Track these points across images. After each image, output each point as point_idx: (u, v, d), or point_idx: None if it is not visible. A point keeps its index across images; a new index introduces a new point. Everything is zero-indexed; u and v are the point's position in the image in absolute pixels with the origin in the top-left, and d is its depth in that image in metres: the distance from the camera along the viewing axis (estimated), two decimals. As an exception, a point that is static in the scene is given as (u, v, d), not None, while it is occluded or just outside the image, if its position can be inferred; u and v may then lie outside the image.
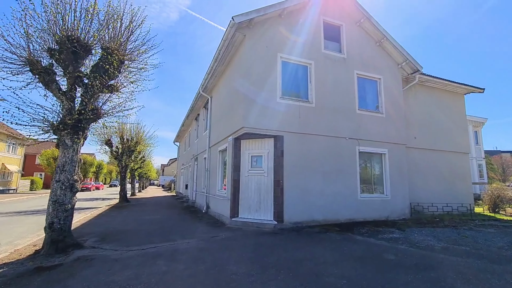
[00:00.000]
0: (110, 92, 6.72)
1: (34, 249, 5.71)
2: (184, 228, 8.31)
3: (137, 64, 7.10)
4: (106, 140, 16.33)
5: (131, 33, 6.74)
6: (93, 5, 5.89)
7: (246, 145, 8.75)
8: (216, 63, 9.87)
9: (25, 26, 5.32)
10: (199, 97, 13.56)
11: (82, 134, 6.11)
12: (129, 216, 11.09)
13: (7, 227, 8.79)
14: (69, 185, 5.77)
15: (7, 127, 5.19)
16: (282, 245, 5.90)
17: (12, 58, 5.53)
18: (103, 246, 6.00)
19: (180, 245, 6.03)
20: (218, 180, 10.35)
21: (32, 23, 5.35)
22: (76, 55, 5.89)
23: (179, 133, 22.93)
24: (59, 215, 5.58)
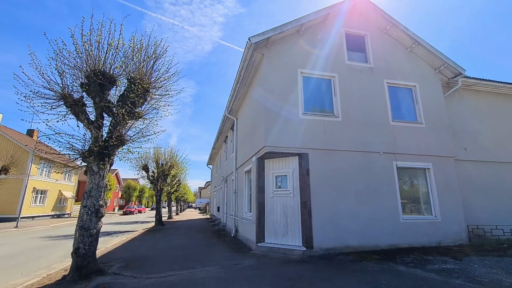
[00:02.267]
0: (135, 120, 7.02)
1: (63, 274, 5.86)
2: (208, 254, 8.00)
3: (162, 91, 7.41)
4: (143, 165, 17.26)
5: (154, 63, 7.09)
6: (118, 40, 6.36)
7: (270, 165, 8.39)
8: (238, 84, 9.97)
9: (59, 64, 5.90)
10: (225, 120, 13.77)
11: (108, 160, 6.36)
12: (159, 240, 11.18)
13: (50, 251, 9.40)
14: (94, 210, 5.95)
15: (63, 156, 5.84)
16: (309, 277, 5.23)
17: (49, 94, 6.11)
18: (124, 272, 5.95)
19: (199, 273, 5.70)
20: (244, 202, 10.03)
21: (65, 61, 5.91)
22: (102, 87, 6.31)
23: (211, 155, 23.45)
24: (85, 241, 5.71)
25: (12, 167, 16.86)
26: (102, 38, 6.10)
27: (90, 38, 6.02)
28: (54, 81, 5.98)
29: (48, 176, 27.26)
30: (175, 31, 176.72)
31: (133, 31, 7.32)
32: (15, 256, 8.51)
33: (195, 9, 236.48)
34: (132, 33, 6.71)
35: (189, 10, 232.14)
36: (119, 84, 6.75)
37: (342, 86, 8.57)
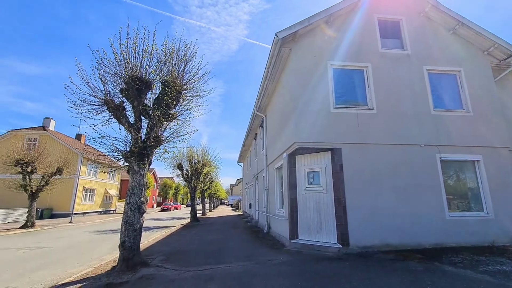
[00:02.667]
0: (169, 121, 7.37)
1: (113, 265, 6.39)
2: (242, 249, 8.16)
3: (193, 92, 7.68)
4: (178, 164, 18.09)
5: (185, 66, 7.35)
6: (152, 46, 6.71)
7: (301, 161, 8.28)
8: (266, 81, 9.95)
9: (101, 73, 6.41)
10: (254, 117, 13.85)
11: (147, 160, 6.78)
12: (195, 236, 11.66)
13: (100, 244, 10.31)
14: (137, 206, 6.39)
15: (107, 157, 6.44)
16: (346, 275, 5.09)
17: (94, 101, 6.67)
18: (166, 265, 6.31)
19: (234, 268, 5.85)
20: (276, 199, 10.04)
21: (106, 70, 6.39)
22: (139, 91, 6.72)
23: (241, 153, 23.80)
24: (130, 235, 6.16)
25: (65, 168, 18.72)
26: (137, 45, 6.48)
27: (127, 46, 6.43)
28: (98, 88, 6.51)
29: (95, 176, 29.86)
30: (202, 33, 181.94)
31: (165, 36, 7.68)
32: (72, 248, 9.48)
33: (221, 9, 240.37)
34: (164, 38, 7.06)
35: (215, 11, 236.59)
36: (154, 88, 7.12)
37: (376, 76, 8.13)
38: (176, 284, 4.84)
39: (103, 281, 5.21)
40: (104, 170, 30.64)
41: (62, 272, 6.23)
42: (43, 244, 10.44)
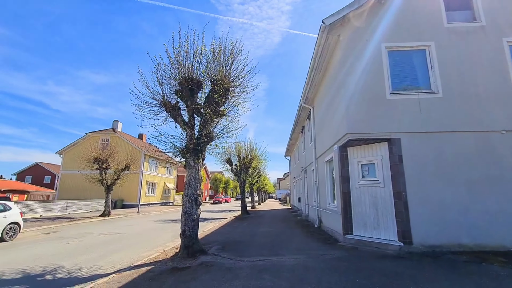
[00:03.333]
0: (219, 118, 7.68)
1: (175, 251, 7.02)
2: (294, 242, 8.15)
3: (240, 88, 7.86)
4: (227, 159, 18.85)
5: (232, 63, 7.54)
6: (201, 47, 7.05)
7: (354, 153, 7.84)
8: (313, 71, 9.63)
9: (159, 77, 6.99)
10: (301, 109, 13.57)
11: (201, 155, 7.21)
12: (247, 227, 12.06)
13: (163, 232, 11.42)
14: (194, 198, 6.87)
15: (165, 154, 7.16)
16: (410, 275, 4.69)
17: (154, 103, 7.32)
18: (222, 254, 6.68)
19: (288, 260, 5.88)
20: (327, 192, 9.73)
21: (162, 73, 6.95)
22: (192, 91, 7.14)
23: (288, 147, 23.65)
24: (189, 224, 6.68)
25: (132, 164, 21.14)
26: (188, 48, 6.87)
27: (180, 50, 6.86)
28: (156, 91, 7.12)
29: (155, 171, 33.05)
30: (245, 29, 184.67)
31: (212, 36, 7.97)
32: (141, 235, 10.70)
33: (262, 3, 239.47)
34: (212, 39, 7.36)
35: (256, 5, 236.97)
36: (204, 87, 7.49)
37: (441, 55, 7.17)
38: (233, 272, 5.08)
39: (169, 265, 5.75)
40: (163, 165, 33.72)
41: (135, 255, 7.08)
42: (118, 230, 12.02)
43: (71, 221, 15.68)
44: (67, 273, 5.54)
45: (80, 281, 4.98)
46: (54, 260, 6.57)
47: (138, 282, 4.68)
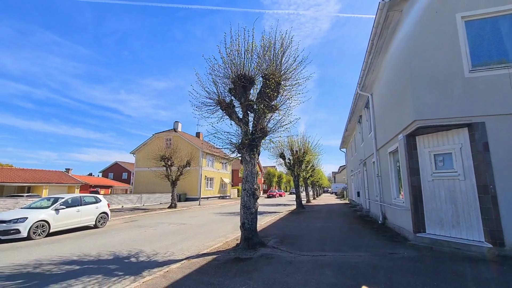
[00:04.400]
0: (272, 112, 7.69)
1: (236, 243, 7.36)
2: (356, 239, 7.72)
3: (291, 81, 7.72)
4: (280, 153, 18.86)
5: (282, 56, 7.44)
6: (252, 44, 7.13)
7: (424, 142, 6.97)
8: (370, 55, 8.86)
9: (213, 77, 7.33)
10: (358, 98, 12.67)
11: (256, 150, 7.35)
12: (303, 222, 11.92)
13: (223, 224, 12.09)
14: (251, 192, 7.06)
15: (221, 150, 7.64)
16: (507, 282, 3.97)
17: (209, 102, 7.72)
18: (281, 247, 6.74)
19: (351, 257, 5.60)
20: (392, 186, 8.92)
21: (216, 73, 7.26)
22: (244, 88, 7.30)
23: (343, 139, 22.44)
24: (248, 217, 6.91)
25: (192, 161, 22.91)
26: (239, 46, 7.02)
27: (231, 49, 7.06)
28: (212, 91, 7.50)
29: (212, 167, 35.16)
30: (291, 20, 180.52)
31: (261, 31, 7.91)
32: (203, 226, 11.54)
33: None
34: (261, 34, 7.33)
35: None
36: (256, 83, 7.58)
37: (540, 17, 5.80)
38: (293, 266, 5.08)
39: (231, 255, 6.06)
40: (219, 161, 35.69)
41: (200, 244, 7.67)
42: (184, 221, 13.18)
43: (146, 212, 17.83)
44: (147, 257, 6.32)
45: (158, 264, 5.61)
46: (136, 245, 7.56)
47: (206, 269, 5.04)
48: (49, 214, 9.39)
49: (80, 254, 6.65)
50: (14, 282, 4.64)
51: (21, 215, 8.81)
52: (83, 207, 10.74)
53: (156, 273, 4.88)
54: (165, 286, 4.21)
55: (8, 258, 6.36)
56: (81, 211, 10.59)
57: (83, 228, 10.81)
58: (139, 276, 4.85)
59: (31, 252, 6.90)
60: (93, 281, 4.63)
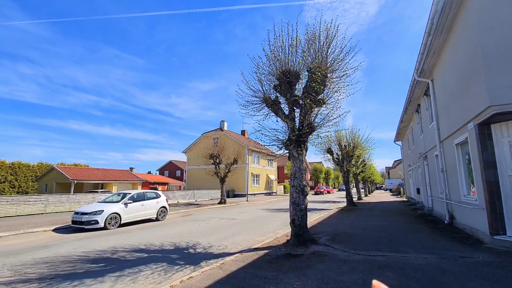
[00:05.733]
0: (319, 106, 7.47)
1: (286, 239, 7.38)
2: (418, 240, 7.06)
3: (339, 73, 7.39)
4: (327, 149, 18.21)
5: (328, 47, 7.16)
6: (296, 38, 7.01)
7: (502, 131, 6.00)
8: (430, 36, 7.95)
9: (258, 76, 7.42)
10: (415, 85, 11.49)
11: (303, 146, 7.24)
12: (355, 220, 11.35)
13: (271, 220, 12.23)
14: (300, 189, 6.99)
15: (265, 147, 7.68)
16: None
17: (255, 100, 7.83)
18: (333, 245, 6.54)
19: (413, 259, 5.15)
20: (461, 182, 7.90)
21: (261, 71, 7.33)
22: (290, 84, 7.23)
23: (398, 130, 20.62)
24: (297, 214, 6.86)
25: (238, 158, 23.63)
26: (283, 42, 6.97)
27: (275, 45, 7.05)
28: (257, 89, 7.60)
29: (258, 164, 35.73)
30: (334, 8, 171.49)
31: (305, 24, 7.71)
32: (252, 221, 11.83)
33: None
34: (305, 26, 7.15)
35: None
36: (301, 78, 7.44)
37: None
38: (349, 265, 4.88)
39: (282, 251, 6.10)
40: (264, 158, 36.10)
41: (251, 239, 7.89)
42: (234, 216, 13.71)
43: (198, 207, 19.04)
44: (203, 248, 6.76)
45: (214, 256, 5.96)
46: (192, 238, 8.13)
47: (259, 263, 5.17)
48: (119, 207, 10.69)
49: (146, 243, 7.43)
50: (98, 265, 5.42)
51: (98, 208, 10.21)
52: (146, 202, 11.96)
53: (213, 264, 5.19)
54: (222, 277, 4.45)
55: (91, 244, 7.44)
56: (144, 205, 11.80)
57: (146, 221, 12.04)
58: (198, 266, 5.22)
59: (108, 240, 7.96)
60: (159, 268, 5.14)
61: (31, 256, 6.22)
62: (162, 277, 4.65)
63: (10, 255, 6.32)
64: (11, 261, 5.79)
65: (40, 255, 6.24)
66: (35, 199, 15.36)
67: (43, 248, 7.00)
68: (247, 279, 4.32)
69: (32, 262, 5.71)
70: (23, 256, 6.24)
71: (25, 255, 6.34)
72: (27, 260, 5.84)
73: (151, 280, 4.51)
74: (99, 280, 4.53)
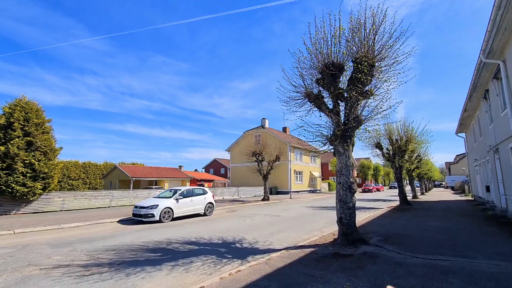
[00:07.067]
0: (366, 98, 7.02)
1: (333, 237, 7.14)
2: (489, 244, 6.18)
3: (388, 61, 6.86)
4: (376, 143, 17.05)
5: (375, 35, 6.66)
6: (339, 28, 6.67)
7: None
8: (500, 10, 6.84)
9: (300, 70, 7.26)
10: (482, 68, 10.02)
11: (350, 142, 6.89)
12: (411, 220, 10.42)
13: (316, 218, 11.94)
14: (347, 186, 6.67)
15: (308, 144, 7.50)
16: None
17: (297, 96, 7.69)
18: (386, 246, 6.11)
19: (484, 266, 4.53)
20: (545, 179, 6.68)
21: (303, 66, 7.15)
22: (333, 76, 6.92)
23: (461, 121, 18.25)
24: (345, 212, 6.57)
25: (281, 155, 23.57)
26: (326, 33, 6.69)
27: (317, 37, 6.80)
28: (299, 84, 7.44)
29: (300, 161, 35.16)
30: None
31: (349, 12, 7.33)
32: (296, 219, 11.70)
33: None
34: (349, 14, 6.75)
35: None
36: (346, 70, 7.06)
37: None
38: (405, 268, 4.51)
39: (330, 250, 5.92)
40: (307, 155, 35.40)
41: (296, 236, 7.82)
42: (277, 213, 13.74)
43: (243, 203, 19.54)
44: (249, 244, 6.92)
45: (260, 252, 6.06)
46: (238, 233, 8.39)
47: (306, 261, 5.10)
48: (172, 202, 11.56)
49: (197, 236, 7.90)
50: (156, 254, 5.95)
51: (153, 203, 11.18)
52: (194, 198, 12.71)
53: (259, 259, 5.28)
54: (269, 272, 4.50)
55: (149, 235, 8.20)
56: (193, 201, 12.55)
57: (195, 215, 12.79)
58: (245, 260, 5.36)
59: (163, 232, 8.67)
60: (209, 260, 5.42)
61: (101, 243, 7.11)
62: (212, 268, 4.89)
63: (86, 242, 7.31)
64: (87, 247, 6.70)
65: (109, 243, 7.09)
66: (103, 194, 17.53)
67: (111, 237, 7.94)
68: (294, 276, 4.29)
69: (102, 249, 6.53)
70: (96, 243, 7.17)
71: (97, 242, 7.27)
72: (98, 247, 6.69)
73: (202, 270, 4.79)
74: (157, 268, 4.96)
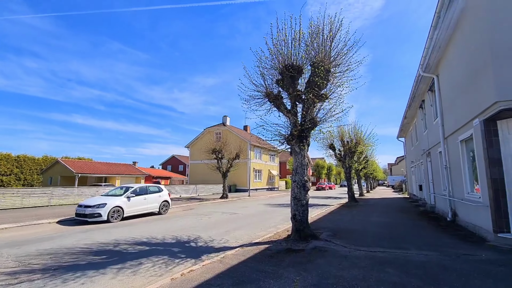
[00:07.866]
0: (322, 101, 7.39)
1: (287, 234, 7.38)
2: (420, 237, 7.03)
3: (342, 67, 7.28)
4: (329, 144, 18.14)
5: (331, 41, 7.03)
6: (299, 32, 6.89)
7: (509, 127, 5.89)
8: (436, 30, 7.78)
9: (261, 70, 7.33)
10: (420, 80, 11.31)
11: (306, 142, 7.18)
12: (356, 216, 11.33)
13: (272, 215, 12.25)
14: (302, 184, 6.95)
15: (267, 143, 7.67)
16: None
17: (257, 95, 7.75)
18: (334, 241, 6.53)
19: (415, 256, 5.12)
20: (464, 179, 7.82)
21: (264, 65, 7.24)
22: (293, 78, 7.13)
23: (402, 127, 20.44)
24: (299, 209, 6.84)
25: (241, 154, 23.63)
26: (286, 35, 6.85)
27: (278, 39, 6.94)
28: (259, 84, 7.52)
29: (260, 159, 35.72)
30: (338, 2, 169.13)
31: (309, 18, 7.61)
32: (253, 216, 11.86)
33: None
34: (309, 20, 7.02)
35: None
36: (304, 72, 7.34)
37: None
38: (350, 260, 4.87)
39: (283, 245, 6.11)
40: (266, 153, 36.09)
41: (252, 233, 7.91)
42: (235, 211, 13.75)
43: (200, 201, 19.13)
44: (204, 242, 6.79)
45: (215, 250, 5.98)
46: (194, 231, 8.17)
47: (260, 258, 5.18)
48: (122, 201, 10.76)
49: (148, 236, 7.48)
50: (100, 257, 5.47)
51: (101, 201, 10.28)
52: (148, 196, 12.02)
53: (214, 258, 5.20)
54: (222, 270, 4.46)
55: (94, 236, 7.51)
56: (147, 199, 11.87)
57: (149, 214, 12.12)
58: (199, 259, 5.24)
59: (111, 233, 8.02)
60: (161, 261, 5.17)
61: (35, 247, 6.29)
62: (163, 269, 4.67)
63: (15, 246, 6.39)
64: (16, 252, 5.86)
65: (44, 247, 6.31)
66: (40, 192, 15.53)
67: (47, 240, 7.08)
68: (247, 273, 4.32)
69: (36, 253, 5.78)
70: (28, 247, 6.31)
71: (29, 246, 6.41)
72: (31, 251, 5.91)
73: (152, 272, 4.54)
74: (100, 272, 4.56)
